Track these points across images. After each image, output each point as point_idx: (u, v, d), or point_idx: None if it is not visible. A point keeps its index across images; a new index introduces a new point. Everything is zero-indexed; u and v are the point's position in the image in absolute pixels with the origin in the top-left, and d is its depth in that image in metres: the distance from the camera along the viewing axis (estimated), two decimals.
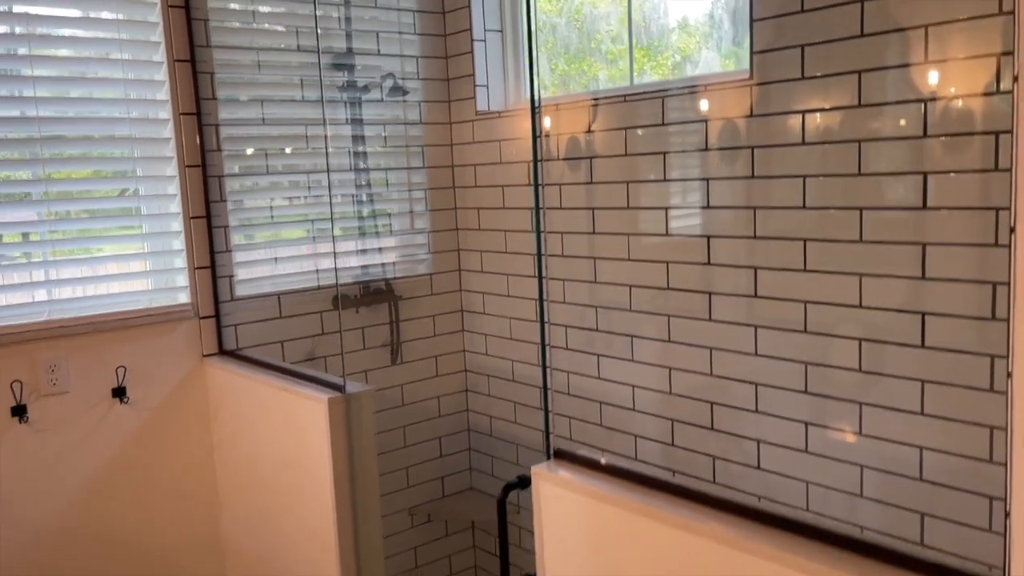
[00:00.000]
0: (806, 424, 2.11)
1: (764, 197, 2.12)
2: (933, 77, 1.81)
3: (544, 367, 1.65)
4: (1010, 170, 0.89)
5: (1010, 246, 0.92)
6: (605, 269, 2.54)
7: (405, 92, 2.89)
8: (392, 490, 2.95)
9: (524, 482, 1.59)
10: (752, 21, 2.09)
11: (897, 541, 1.18)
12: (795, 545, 1.19)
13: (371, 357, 2.88)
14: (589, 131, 2.61)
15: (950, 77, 1.78)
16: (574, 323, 2.66)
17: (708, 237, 2.27)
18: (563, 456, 1.53)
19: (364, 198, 2.87)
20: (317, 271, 2.77)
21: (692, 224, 2.35)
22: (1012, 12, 0.83)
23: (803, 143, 2.02)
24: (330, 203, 2.76)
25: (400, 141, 2.91)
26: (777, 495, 2.19)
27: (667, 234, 2.40)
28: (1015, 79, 0.89)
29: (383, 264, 2.91)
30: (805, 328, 2.08)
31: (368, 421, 2.11)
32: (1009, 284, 0.91)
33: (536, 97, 1.56)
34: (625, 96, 2.46)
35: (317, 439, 2.06)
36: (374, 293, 2.87)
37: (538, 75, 1.87)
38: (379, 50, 2.84)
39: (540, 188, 2.19)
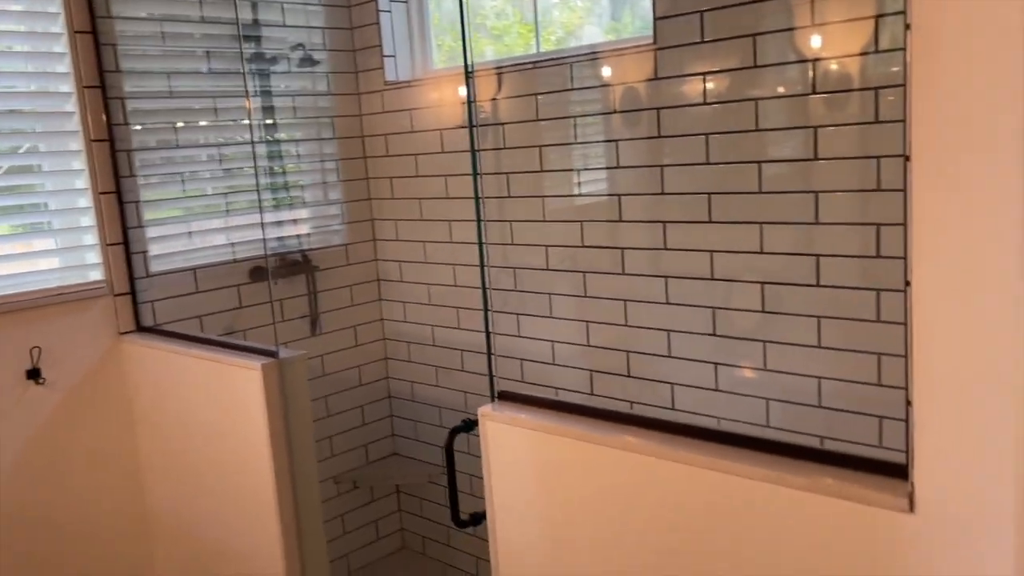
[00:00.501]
0: (715, 364, 2.29)
1: (670, 155, 2.27)
2: (817, 40, 1.98)
3: (486, 310, 1.74)
4: (904, 100, 1.04)
5: (904, 172, 1.07)
6: (521, 231, 2.64)
7: (314, 63, 2.89)
8: (317, 459, 2.98)
9: (470, 425, 1.68)
10: None
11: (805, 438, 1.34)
12: (715, 449, 1.33)
13: (291, 329, 2.89)
14: (495, 99, 2.69)
15: (832, 39, 1.95)
16: (493, 285, 2.75)
17: (619, 196, 2.40)
18: (507, 397, 1.63)
19: (276, 170, 2.86)
20: (232, 245, 2.75)
21: (603, 184, 2.48)
22: None
23: (704, 103, 2.17)
24: (255, 176, 2.74)
25: (310, 112, 2.91)
26: None
27: (579, 195, 2.52)
28: (907, 27, 1.03)
29: (298, 236, 2.92)
30: (712, 275, 2.25)
31: (302, 386, 2.15)
32: (904, 196, 1.06)
33: (470, 63, 1.63)
34: (535, 63, 2.55)
35: (252, 407, 2.09)
36: (291, 265, 2.88)
37: (470, 39, 1.93)
38: (284, 21, 2.83)
39: (477, 154, 2.26)
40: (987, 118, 0.98)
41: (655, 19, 2.23)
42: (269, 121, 2.85)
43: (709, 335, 2.28)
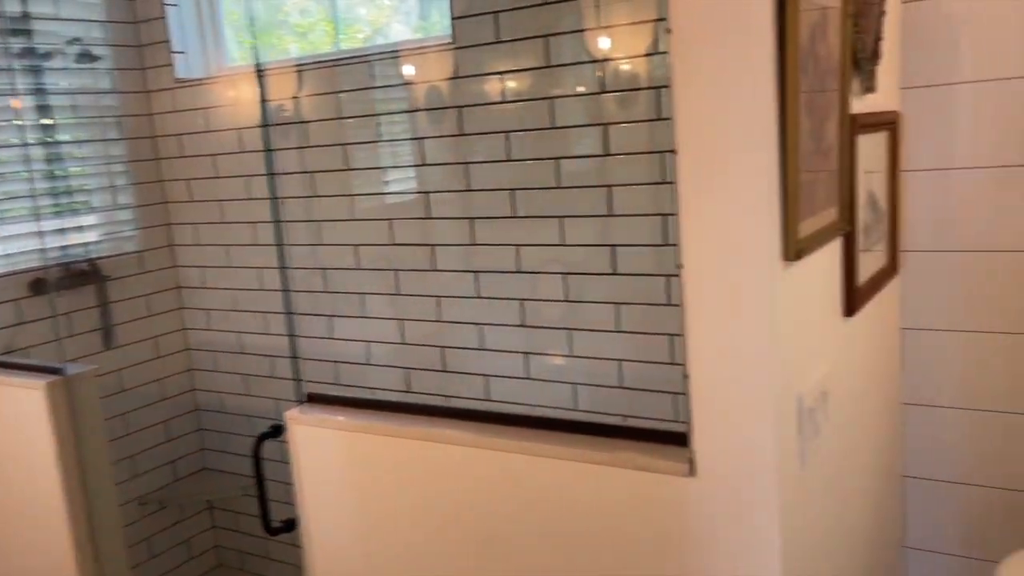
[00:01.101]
0: (525, 354, 2.36)
1: (473, 153, 2.31)
2: (606, 41, 2.10)
3: (288, 313, 1.70)
4: (672, 99, 1.13)
5: (677, 167, 1.16)
6: (331, 231, 2.60)
7: (94, 58, 2.69)
8: (118, 481, 2.79)
9: (278, 431, 1.64)
10: None
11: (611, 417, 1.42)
12: (525, 434, 1.38)
13: (81, 344, 2.69)
14: (296, 97, 2.64)
15: (620, 41, 2.07)
16: (304, 287, 2.69)
17: (427, 193, 2.43)
18: (315, 400, 1.60)
19: (57, 173, 2.64)
20: (7, 256, 2.51)
21: (410, 183, 2.49)
22: None
23: (504, 102, 2.24)
24: (31, 181, 2.52)
25: (93, 111, 2.71)
26: None
27: (387, 193, 2.52)
28: (668, 31, 1.12)
29: (85, 244, 2.71)
30: (518, 269, 2.32)
31: (93, 404, 2.01)
32: (676, 190, 1.15)
33: (260, 60, 1.59)
34: (334, 61, 2.52)
35: (37, 429, 1.92)
36: (77, 275, 2.67)
37: (272, 35, 1.88)
38: (58, 13, 2.62)
39: (272, 153, 2.20)
40: (741, 115, 1.08)
41: (452, 19, 2.26)
42: (46, 121, 2.62)
43: (519, 326, 2.36)
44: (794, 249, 1.15)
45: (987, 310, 1.81)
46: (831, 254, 1.37)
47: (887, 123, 1.63)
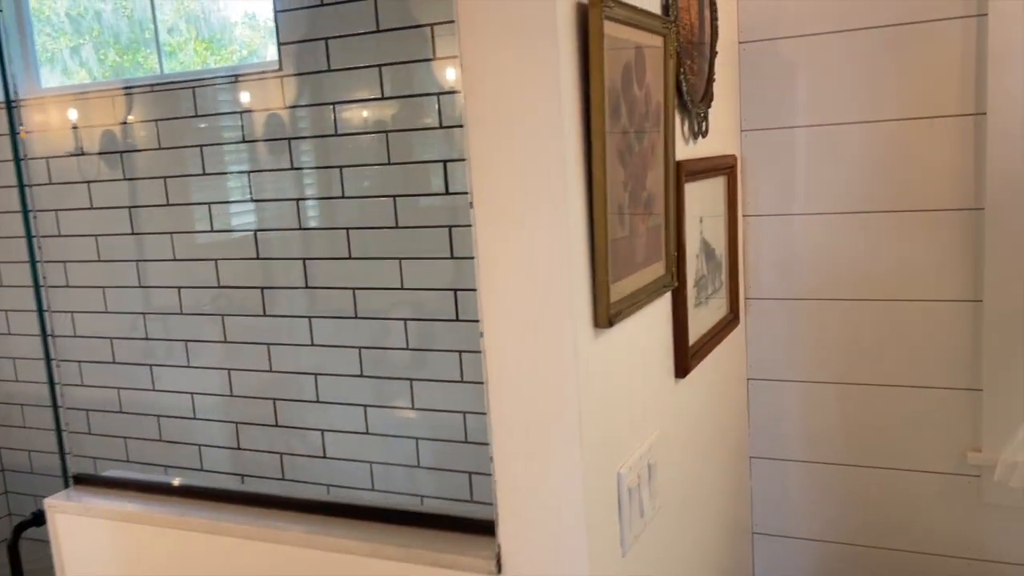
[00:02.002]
0: (365, 407, 2.18)
1: (305, 188, 2.13)
2: (449, 72, 1.96)
3: (51, 382, 1.47)
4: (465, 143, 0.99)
5: (473, 223, 1.02)
6: (151, 272, 2.35)
7: None
8: None
9: (38, 518, 1.40)
10: (276, 12, 2.07)
11: (404, 499, 1.26)
12: (317, 522, 1.21)
13: None
14: (125, 123, 2.40)
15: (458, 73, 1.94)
16: (122, 333, 2.42)
17: (255, 231, 2.22)
18: (85, 481, 1.37)
19: None
20: None
21: (239, 219, 2.28)
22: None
23: (336, 134, 2.07)
24: None
25: None
26: (344, 480, 2.23)
27: (213, 230, 2.30)
28: (461, 67, 0.98)
29: None
30: (356, 314, 2.14)
31: None
32: (474, 248, 1.01)
33: (10, 87, 1.37)
34: (152, 86, 2.29)
35: None
36: None
37: (10, 62, 1.65)
38: None
39: (27, 189, 1.95)
40: (539, 164, 0.95)
41: (279, 44, 2.08)
42: None
43: (358, 376, 2.18)
44: (606, 315, 1.03)
45: (824, 360, 1.76)
46: (659, 312, 1.26)
47: (723, 168, 1.55)
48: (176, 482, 1.28)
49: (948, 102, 1.59)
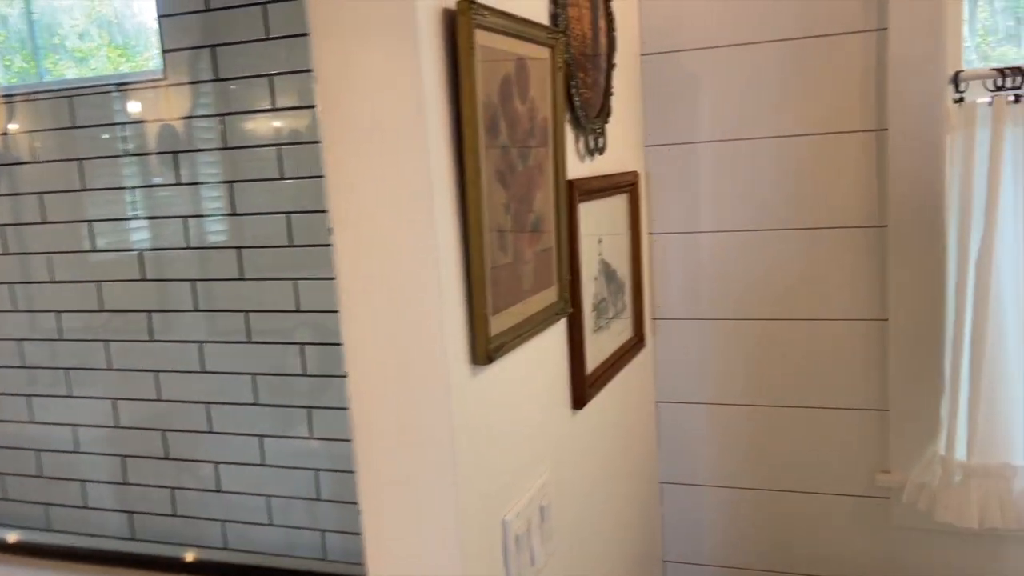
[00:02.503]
0: (261, 437, 2.05)
1: (194, 205, 2.00)
2: None
3: None
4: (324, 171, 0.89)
5: (334, 249, 0.93)
6: (25, 295, 2.18)
7: None
8: None
9: None
10: (159, 17, 1.94)
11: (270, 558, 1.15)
12: None
13: None
14: (5, 133, 2.22)
15: None
16: None
17: (140, 251, 2.08)
18: None
19: None
20: None
21: (123, 236, 2.13)
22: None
23: (225, 147, 1.94)
24: None
25: None
26: (240, 515, 2.09)
27: (95, 249, 2.14)
28: (316, 78, 0.88)
29: None
30: (249, 338, 2.01)
31: None
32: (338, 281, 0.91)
33: None
34: (27, 95, 2.12)
35: None
36: None
37: None
38: None
39: None
40: (402, 187, 0.86)
41: (163, 51, 1.95)
42: None
43: (252, 404, 2.05)
44: (484, 350, 0.94)
45: (733, 381, 1.71)
46: (552, 341, 1.18)
47: (624, 185, 1.48)
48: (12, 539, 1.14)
49: (851, 118, 1.56)
